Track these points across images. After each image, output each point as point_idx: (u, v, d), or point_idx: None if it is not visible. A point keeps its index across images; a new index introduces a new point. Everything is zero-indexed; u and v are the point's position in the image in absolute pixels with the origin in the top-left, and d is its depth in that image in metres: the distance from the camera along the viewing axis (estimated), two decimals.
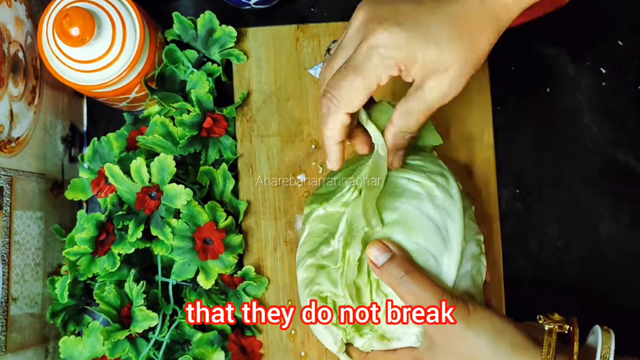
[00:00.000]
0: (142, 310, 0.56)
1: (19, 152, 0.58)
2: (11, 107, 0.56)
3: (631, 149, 0.65)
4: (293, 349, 0.62)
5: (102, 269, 0.58)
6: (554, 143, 0.66)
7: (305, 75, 0.66)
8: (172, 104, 0.62)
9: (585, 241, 0.64)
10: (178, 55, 0.64)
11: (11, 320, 0.56)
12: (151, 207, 0.58)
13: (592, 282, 0.63)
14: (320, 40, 0.66)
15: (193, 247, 0.59)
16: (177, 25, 0.64)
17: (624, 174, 0.65)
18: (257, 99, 0.65)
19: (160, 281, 0.60)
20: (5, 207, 0.55)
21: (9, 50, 0.56)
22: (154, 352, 0.58)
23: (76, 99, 0.68)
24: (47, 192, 0.62)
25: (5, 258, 0.55)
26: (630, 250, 0.64)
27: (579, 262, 0.64)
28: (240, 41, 0.66)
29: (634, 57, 0.67)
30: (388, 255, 0.47)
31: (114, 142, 0.62)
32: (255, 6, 0.65)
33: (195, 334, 0.59)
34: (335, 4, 0.68)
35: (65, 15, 0.54)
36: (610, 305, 0.63)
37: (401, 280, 0.47)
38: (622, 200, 0.64)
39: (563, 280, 0.64)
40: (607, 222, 0.64)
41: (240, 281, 0.61)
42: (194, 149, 0.62)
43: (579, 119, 0.66)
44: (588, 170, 0.65)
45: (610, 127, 0.66)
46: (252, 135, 0.65)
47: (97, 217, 0.58)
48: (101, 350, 0.58)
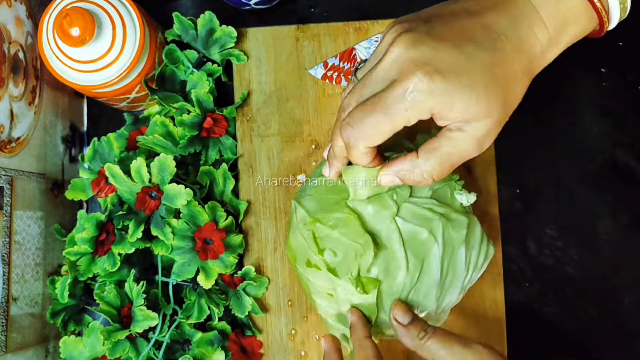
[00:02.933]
0: (142, 310, 0.56)
1: (19, 152, 0.58)
2: (11, 107, 0.57)
3: (631, 149, 0.65)
4: (293, 348, 0.62)
5: (102, 269, 0.58)
6: (554, 143, 0.66)
7: (305, 75, 0.66)
8: (172, 104, 0.62)
9: (585, 241, 0.64)
10: (178, 55, 0.64)
11: (11, 320, 0.56)
12: (151, 207, 0.58)
13: (592, 282, 0.63)
14: (320, 40, 0.66)
15: (193, 247, 0.59)
16: (177, 25, 0.64)
17: (624, 174, 0.65)
18: (257, 99, 0.65)
19: (160, 281, 0.60)
20: (5, 207, 0.55)
21: (9, 51, 0.56)
22: (154, 352, 0.58)
23: (76, 99, 0.68)
24: (48, 192, 0.62)
25: (6, 258, 0.55)
26: (630, 250, 0.64)
27: (579, 262, 0.64)
28: (241, 41, 0.66)
29: (634, 57, 0.67)
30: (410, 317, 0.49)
31: (114, 142, 0.62)
32: (255, 6, 0.65)
33: (196, 333, 0.59)
34: (336, 4, 0.68)
35: (66, 16, 0.54)
36: (610, 305, 0.63)
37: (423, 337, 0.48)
38: (622, 200, 0.64)
39: (563, 280, 0.64)
40: (606, 222, 0.64)
41: (240, 281, 0.61)
42: (194, 149, 0.62)
43: (579, 119, 0.66)
44: (588, 170, 0.65)
45: (610, 127, 0.66)
46: (252, 135, 0.65)
47: (97, 217, 0.58)
48: (101, 350, 0.58)
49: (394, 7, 0.68)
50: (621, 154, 0.65)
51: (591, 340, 0.59)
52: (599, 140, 0.66)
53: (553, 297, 0.63)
